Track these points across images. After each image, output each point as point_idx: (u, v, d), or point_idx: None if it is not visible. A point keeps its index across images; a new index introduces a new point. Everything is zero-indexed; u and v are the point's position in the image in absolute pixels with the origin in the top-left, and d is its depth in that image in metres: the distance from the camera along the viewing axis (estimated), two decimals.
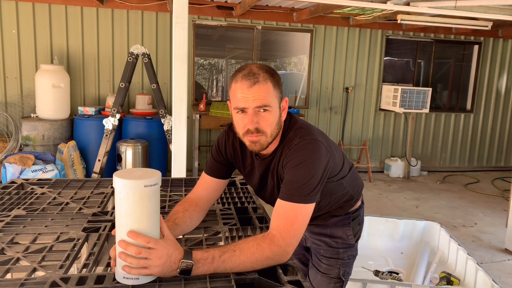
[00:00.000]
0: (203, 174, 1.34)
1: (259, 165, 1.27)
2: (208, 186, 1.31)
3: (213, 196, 1.32)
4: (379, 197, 4.96)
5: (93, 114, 4.70)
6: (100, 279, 0.89)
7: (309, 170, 1.11)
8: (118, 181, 0.88)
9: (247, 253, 0.99)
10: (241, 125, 1.14)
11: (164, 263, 0.89)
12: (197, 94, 5.71)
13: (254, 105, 1.11)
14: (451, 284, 2.53)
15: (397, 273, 2.74)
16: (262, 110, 1.12)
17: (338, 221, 1.46)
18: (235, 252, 0.98)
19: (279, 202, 1.11)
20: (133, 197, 0.88)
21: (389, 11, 4.52)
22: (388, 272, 2.72)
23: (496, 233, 3.92)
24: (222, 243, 1.18)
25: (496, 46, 6.36)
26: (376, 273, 2.66)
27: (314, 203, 1.12)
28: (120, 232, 0.90)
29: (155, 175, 0.91)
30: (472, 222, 4.22)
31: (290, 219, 1.07)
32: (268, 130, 1.14)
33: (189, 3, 2.85)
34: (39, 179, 1.68)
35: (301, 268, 1.63)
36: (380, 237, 3.14)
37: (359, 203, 1.51)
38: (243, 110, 1.12)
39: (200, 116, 4.96)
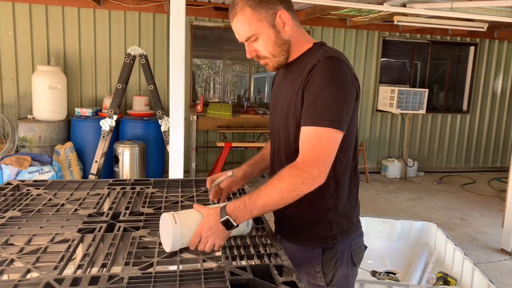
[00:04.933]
0: None
1: (283, 74, 1.24)
2: None
3: None
4: (376, 197, 4.97)
5: (90, 115, 4.69)
6: (94, 280, 0.89)
7: (336, 92, 1.03)
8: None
9: (271, 187, 1.02)
10: None
11: (214, 233, 1.02)
12: (195, 95, 5.70)
13: (241, 39, 1.14)
14: (448, 284, 2.54)
15: (394, 274, 2.75)
16: (251, 40, 1.13)
17: (305, 236, 1.19)
18: (261, 190, 1.04)
19: (303, 129, 1.06)
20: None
21: (386, 13, 4.54)
22: (385, 272, 2.73)
23: (493, 233, 3.94)
24: None
25: (492, 47, 6.40)
26: (373, 273, 2.67)
27: (341, 132, 1.04)
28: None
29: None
30: (468, 223, 4.24)
31: (312, 143, 1.03)
32: (267, 53, 1.14)
33: (186, 4, 2.85)
34: (35, 181, 1.67)
35: None
36: (377, 237, 3.15)
37: (347, 220, 1.20)
38: None
39: (197, 117, 4.96)
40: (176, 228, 1.01)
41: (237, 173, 1.34)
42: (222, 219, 1.03)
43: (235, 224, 1.03)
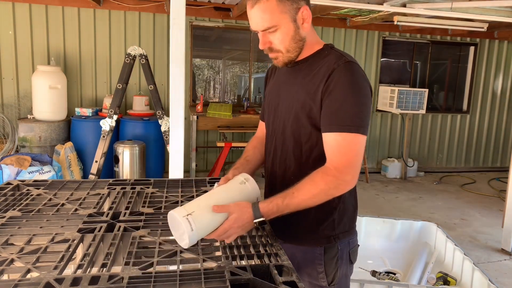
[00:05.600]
0: (260, 120, 1.42)
1: (287, 72, 1.21)
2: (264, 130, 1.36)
3: None
4: (376, 197, 4.97)
5: (90, 115, 4.69)
6: (94, 280, 0.89)
7: (360, 98, 1.05)
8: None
9: (303, 191, 1.05)
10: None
11: (244, 228, 1.06)
12: (194, 95, 5.71)
13: (259, 28, 1.09)
14: (448, 284, 2.54)
15: (394, 274, 2.75)
16: (269, 31, 1.09)
17: (308, 237, 1.19)
18: (293, 194, 1.06)
19: (329, 136, 1.07)
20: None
21: (386, 13, 4.54)
22: (385, 272, 2.73)
23: (493, 233, 3.94)
24: (218, 243, 1.18)
25: (492, 47, 6.40)
26: (373, 273, 2.67)
27: (366, 136, 1.08)
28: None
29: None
30: (468, 223, 4.24)
31: (343, 149, 1.05)
32: (282, 47, 1.11)
33: (186, 4, 2.84)
34: (35, 181, 1.67)
35: None
36: (377, 237, 3.15)
37: (346, 222, 1.21)
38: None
39: (197, 117, 4.96)
40: (193, 235, 1.01)
41: (228, 177, 1.29)
42: (258, 220, 1.06)
43: (266, 223, 1.10)
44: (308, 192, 1.05)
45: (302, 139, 1.16)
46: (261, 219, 1.06)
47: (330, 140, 1.08)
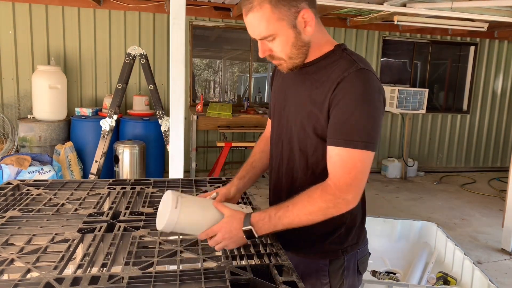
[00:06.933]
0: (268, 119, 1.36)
1: (294, 74, 1.12)
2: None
3: None
4: (376, 197, 4.97)
5: (90, 115, 4.69)
6: (94, 279, 0.89)
7: (370, 110, 0.97)
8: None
9: (299, 206, 0.99)
10: None
11: (232, 237, 1.02)
12: (194, 95, 5.71)
13: (255, 36, 1.03)
14: (448, 284, 2.54)
15: (394, 273, 2.75)
16: (267, 40, 1.02)
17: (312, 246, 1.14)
18: (288, 207, 1.01)
19: (333, 150, 1.00)
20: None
21: (386, 12, 4.54)
22: (385, 272, 2.73)
23: (493, 233, 3.94)
24: None
25: (492, 47, 6.40)
26: (374, 273, 2.67)
27: (374, 152, 0.99)
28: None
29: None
30: (468, 223, 4.24)
31: (347, 166, 0.98)
32: (283, 55, 1.04)
33: (186, 4, 2.84)
34: (35, 180, 1.67)
35: None
36: (377, 237, 3.14)
37: (355, 237, 1.16)
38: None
39: (197, 117, 4.96)
40: (174, 217, 1.01)
41: (230, 189, 1.24)
42: (245, 228, 1.01)
43: (257, 236, 1.02)
44: (304, 208, 0.99)
45: (309, 151, 1.10)
46: (249, 227, 1.01)
47: (334, 155, 1.00)
